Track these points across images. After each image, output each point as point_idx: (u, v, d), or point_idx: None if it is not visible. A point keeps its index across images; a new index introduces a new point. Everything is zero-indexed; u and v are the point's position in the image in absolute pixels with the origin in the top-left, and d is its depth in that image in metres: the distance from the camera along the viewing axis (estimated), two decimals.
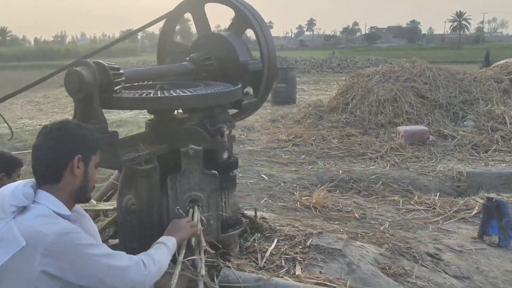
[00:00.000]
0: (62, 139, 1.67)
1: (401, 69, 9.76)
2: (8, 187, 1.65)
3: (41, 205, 1.61)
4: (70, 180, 1.69)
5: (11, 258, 1.50)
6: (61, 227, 1.55)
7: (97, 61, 1.99)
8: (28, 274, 1.51)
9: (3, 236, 1.53)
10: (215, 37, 2.79)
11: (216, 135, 2.44)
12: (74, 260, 1.54)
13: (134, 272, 1.67)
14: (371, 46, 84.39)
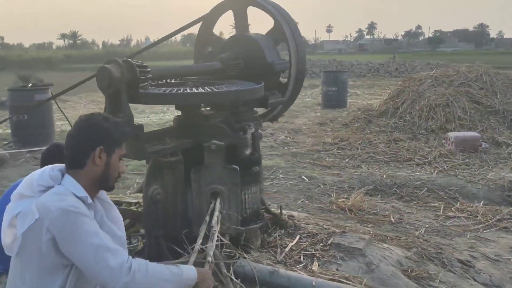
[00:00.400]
0: (88, 130, 1.85)
1: (456, 74, 9.42)
2: (38, 170, 1.85)
3: (61, 187, 1.79)
4: (92, 168, 1.86)
5: (28, 228, 1.70)
6: (66, 203, 1.71)
7: (126, 59, 2.17)
8: (39, 243, 1.70)
9: (25, 211, 1.73)
10: (245, 38, 2.91)
11: (239, 131, 2.55)
12: (66, 237, 1.69)
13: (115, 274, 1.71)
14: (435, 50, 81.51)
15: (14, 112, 7.85)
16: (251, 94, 2.53)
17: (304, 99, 15.58)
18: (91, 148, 1.83)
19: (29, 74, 18.24)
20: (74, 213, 1.71)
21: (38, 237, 1.69)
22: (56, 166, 1.87)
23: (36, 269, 1.72)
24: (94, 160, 1.83)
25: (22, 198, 1.79)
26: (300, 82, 3.00)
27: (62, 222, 1.69)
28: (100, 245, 1.71)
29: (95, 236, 1.73)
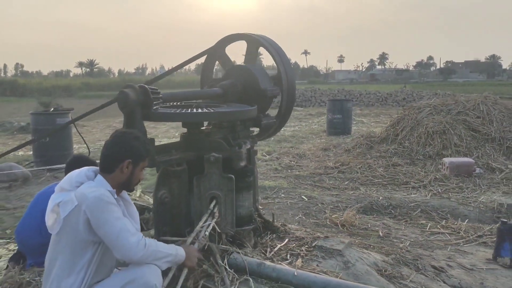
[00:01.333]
0: (121, 145, 2.36)
1: (454, 103, 9.86)
2: (77, 170, 2.35)
3: (94, 182, 2.28)
4: (119, 175, 2.36)
5: (69, 213, 2.19)
6: (99, 193, 2.21)
7: (141, 85, 2.68)
8: (77, 224, 2.19)
9: (66, 200, 2.22)
10: (243, 68, 3.42)
11: (235, 147, 3.03)
12: (98, 219, 2.18)
13: (133, 247, 2.21)
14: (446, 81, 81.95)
15: (37, 135, 8.44)
16: (244, 115, 3.02)
17: (311, 126, 16.09)
18: (120, 160, 2.34)
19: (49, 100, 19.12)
20: (104, 201, 2.20)
21: (76, 219, 2.18)
22: (91, 168, 2.38)
23: (72, 244, 2.20)
24: (122, 169, 2.34)
25: (62, 191, 2.29)
26: (290, 107, 3.48)
27: (95, 207, 2.17)
28: (122, 228, 2.20)
29: (119, 221, 2.22)
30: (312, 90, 27.16)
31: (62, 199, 2.25)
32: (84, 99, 38.29)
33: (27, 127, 14.95)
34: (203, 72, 3.77)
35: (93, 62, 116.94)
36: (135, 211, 2.54)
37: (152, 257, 2.27)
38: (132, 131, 2.47)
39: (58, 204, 2.24)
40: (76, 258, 2.21)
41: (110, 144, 2.36)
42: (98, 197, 2.19)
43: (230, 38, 3.58)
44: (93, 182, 2.30)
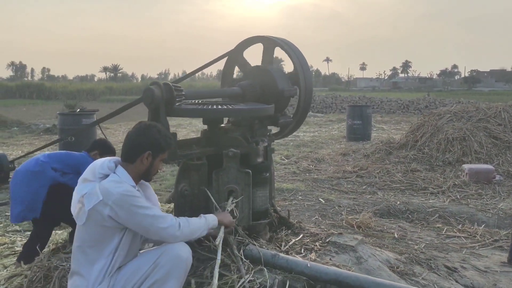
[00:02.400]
0: (143, 136, 2.49)
1: (475, 110, 9.81)
2: (100, 161, 2.51)
3: (116, 176, 2.43)
4: (140, 165, 2.50)
5: (93, 206, 2.33)
6: (123, 189, 2.35)
7: (166, 82, 2.84)
8: (101, 217, 2.33)
9: (91, 192, 2.36)
10: (261, 69, 3.55)
11: (252, 143, 3.16)
12: (127, 213, 2.32)
13: (170, 230, 2.39)
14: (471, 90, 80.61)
15: (64, 135, 8.74)
16: (261, 112, 3.14)
17: (331, 132, 16.13)
18: (142, 151, 2.47)
19: (74, 103, 19.64)
20: (129, 196, 2.34)
21: (101, 212, 2.32)
22: (112, 159, 2.52)
23: (99, 232, 2.35)
24: (142, 160, 2.48)
25: (86, 182, 2.43)
26: (307, 106, 3.59)
27: (122, 202, 2.31)
28: (153, 215, 2.36)
29: (148, 209, 2.37)
30: (333, 97, 27.16)
31: (87, 190, 2.37)
32: (107, 102, 39.08)
33: (52, 128, 15.40)
34: (223, 75, 3.91)
35: (117, 67, 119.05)
36: (153, 193, 2.70)
37: (188, 236, 2.48)
38: (155, 124, 2.60)
39: (83, 196, 2.38)
40: (104, 245, 2.36)
41: (134, 135, 2.49)
42: (123, 193, 2.33)
43: (249, 41, 3.72)
44: (116, 175, 2.42)
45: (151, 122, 2.59)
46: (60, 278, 2.78)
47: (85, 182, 2.44)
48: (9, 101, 39.65)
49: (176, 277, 2.38)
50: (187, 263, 2.42)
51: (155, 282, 2.35)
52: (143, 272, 2.37)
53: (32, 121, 18.76)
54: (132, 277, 2.37)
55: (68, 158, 3.92)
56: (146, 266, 2.37)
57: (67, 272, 2.76)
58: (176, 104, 2.86)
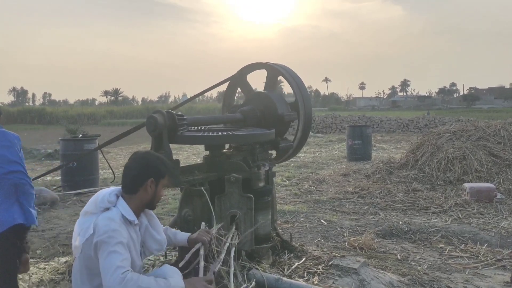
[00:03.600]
0: (142, 165, 2.51)
1: (475, 128, 9.87)
2: (101, 193, 2.52)
3: (116, 209, 2.44)
4: (143, 194, 2.52)
5: (85, 240, 2.36)
6: (108, 227, 2.31)
7: (168, 110, 2.91)
8: (89, 250, 2.35)
9: (86, 227, 2.39)
10: (262, 94, 3.63)
11: (254, 168, 3.21)
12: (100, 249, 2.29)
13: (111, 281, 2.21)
14: (470, 107, 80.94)
15: (66, 160, 8.79)
16: (262, 137, 3.20)
17: (331, 152, 16.18)
18: (144, 180, 2.49)
19: (76, 128, 19.76)
20: (109, 235, 2.30)
21: (89, 246, 2.35)
22: (113, 191, 2.53)
23: (86, 267, 2.39)
24: (146, 189, 2.50)
25: (87, 215, 2.47)
26: (307, 131, 3.66)
27: (101, 239, 2.30)
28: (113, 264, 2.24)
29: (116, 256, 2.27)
30: (332, 117, 27.30)
31: (85, 226, 2.41)
32: (108, 126, 39.30)
33: (53, 153, 15.45)
34: (224, 99, 3.99)
35: (118, 91, 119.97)
36: (158, 224, 2.71)
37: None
38: (150, 151, 2.64)
39: (82, 230, 2.42)
40: (94, 276, 2.38)
41: (133, 166, 2.50)
42: (106, 230, 2.30)
43: (251, 67, 3.81)
44: (115, 209, 2.43)
45: (146, 150, 2.62)
46: None
47: (86, 216, 2.47)
48: (11, 126, 39.86)
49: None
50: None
51: None
52: None
53: (33, 146, 18.82)
54: None
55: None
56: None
57: None
58: (178, 132, 2.92)
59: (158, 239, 2.59)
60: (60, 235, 6.19)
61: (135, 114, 53.89)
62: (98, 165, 9.34)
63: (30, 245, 3.41)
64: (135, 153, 2.60)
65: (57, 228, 6.64)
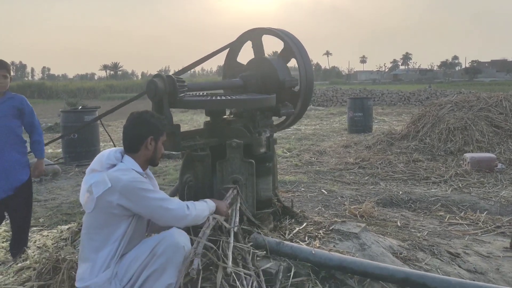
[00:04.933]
0: (140, 125, 2.55)
1: (477, 99, 9.82)
2: (106, 152, 2.55)
3: (124, 164, 2.48)
4: (145, 152, 2.56)
5: (102, 193, 2.38)
6: (131, 176, 2.41)
7: (169, 75, 2.87)
8: (109, 204, 2.38)
9: (99, 180, 2.41)
10: (262, 60, 3.58)
11: (255, 134, 3.20)
12: (136, 198, 2.38)
13: (179, 212, 2.45)
14: (472, 80, 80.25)
15: (66, 131, 8.79)
16: (263, 102, 3.17)
17: (332, 124, 16.15)
18: (144, 138, 2.53)
19: (76, 101, 19.69)
20: (137, 181, 2.40)
21: (110, 199, 2.37)
22: (118, 149, 2.57)
23: (107, 219, 2.39)
24: (147, 146, 2.53)
25: (93, 172, 2.48)
26: (308, 96, 3.62)
27: (130, 187, 2.37)
28: (161, 198, 2.43)
29: (155, 193, 2.43)
30: (333, 90, 27.14)
31: (95, 180, 2.43)
32: (108, 100, 39.11)
33: (54, 127, 15.44)
34: (225, 65, 3.94)
35: (117, 65, 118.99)
36: (156, 185, 2.75)
37: (195, 218, 2.53)
38: (146, 110, 2.66)
39: (91, 185, 2.43)
40: (110, 231, 2.41)
41: (131, 126, 2.56)
42: (131, 180, 2.39)
43: (252, 32, 3.75)
44: (123, 163, 2.48)
45: (142, 110, 2.63)
46: (68, 269, 2.83)
47: (92, 173, 2.49)
48: None
49: (175, 265, 2.40)
50: (185, 250, 2.43)
51: (154, 272, 2.38)
52: (141, 260, 2.41)
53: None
54: (132, 265, 2.41)
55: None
56: (144, 255, 2.41)
57: (76, 264, 2.81)
58: (179, 96, 2.89)
59: None
60: (62, 205, 6.24)
61: (135, 89, 53.52)
62: (98, 137, 9.35)
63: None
64: (131, 114, 2.63)
65: (59, 198, 6.69)
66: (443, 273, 3.27)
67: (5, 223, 5.22)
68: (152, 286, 2.38)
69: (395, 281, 2.73)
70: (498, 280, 3.47)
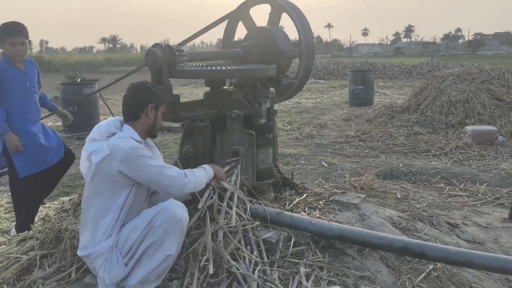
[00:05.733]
0: (140, 93, 2.52)
1: (479, 72, 9.73)
2: (106, 121, 2.53)
3: (123, 132, 2.46)
4: (145, 120, 2.53)
5: (101, 160, 2.37)
6: (131, 143, 2.40)
7: (167, 44, 2.83)
8: (109, 172, 2.37)
9: (98, 149, 2.40)
10: (263, 30, 3.53)
11: (255, 104, 3.17)
12: (136, 165, 2.36)
13: (178, 179, 2.44)
14: (475, 54, 79.42)
15: (66, 104, 8.75)
16: (264, 73, 3.14)
17: (333, 98, 16.06)
18: (144, 105, 2.51)
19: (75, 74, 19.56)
20: (137, 149, 2.39)
21: (109, 166, 2.36)
22: (117, 119, 2.55)
23: (107, 187, 2.39)
24: (147, 114, 2.51)
25: (93, 141, 2.47)
26: (309, 67, 3.58)
27: (130, 155, 2.35)
28: (160, 165, 2.41)
29: (154, 161, 2.42)
30: (334, 63, 26.88)
31: (94, 148, 2.42)
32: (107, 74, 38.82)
33: (54, 100, 15.35)
34: (225, 35, 3.89)
35: (116, 38, 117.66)
36: (158, 154, 2.74)
37: (194, 185, 2.52)
38: (145, 81, 2.63)
39: (90, 153, 2.43)
40: (111, 200, 2.41)
41: (132, 94, 2.53)
42: (131, 147, 2.38)
43: (251, 1, 3.68)
44: (123, 132, 2.47)
45: (142, 80, 2.60)
46: (70, 239, 2.85)
47: (92, 141, 2.48)
48: None
49: (174, 236, 2.39)
50: (183, 222, 2.42)
51: (152, 243, 2.38)
52: (140, 231, 2.40)
53: None
54: (132, 236, 2.41)
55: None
56: (142, 226, 2.40)
57: (77, 233, 2.83)
58: (178, 66, 2.85)
59: None
60: (63, 177, 6.25)
61: (134, 62, 52.96)
62: (98, 110, 9.32)
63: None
64: (131, 84, 2.60)
65: None
66: (442, 243, 3.30)
67: (7, 194, 5.26)
68: (152, 257, 2.40)
69: (394, 250, 2.76)
70: (496, 250, 3.51)
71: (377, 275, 2.65)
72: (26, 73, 3.84)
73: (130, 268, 2.42)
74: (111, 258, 2.41)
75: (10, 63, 3.76)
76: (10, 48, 3.70)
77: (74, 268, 2.70)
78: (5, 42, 3.70)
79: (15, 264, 2.83)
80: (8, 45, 3.70)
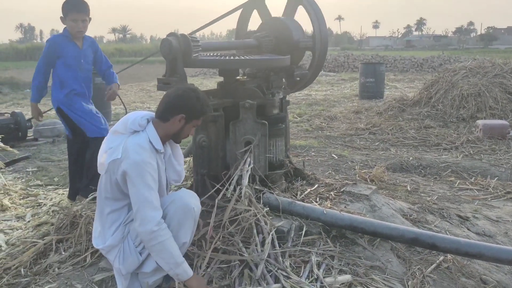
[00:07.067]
0: (180, 99, 2.46)
1: (492, 65, 9.64)
2: (133, 115, 2.49)
3: (145, 134, 2.42)
4: (171, 126, 2.48)
5: (112, 161, 2.36)
6: (142, 157, 2.32)
7: (183, 34, 2.85)
8: (116, 172, 2.36)
9: (115, 147, 2.39)
10: (277, 20, 3.53)
11: (268, 95, 3.19)
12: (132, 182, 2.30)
13: (149, 223, 2.26)
14: (487, 47, 78.46)
15: None
16: (277, 63, 3.15)
17: (343, 90, 16.02)
18: (176, 112, 2.45)
19: None
20: (142, 167, 2.30)
21: (116, 169, 2.36)
22: (145, 115, 2.50)
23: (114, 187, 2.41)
24: (175, 121, 2.46)
25: (116, 134, 2.46)
26: (322, 59, 3.58)
27: (133, 169, 2.30)
28: (147, 198, 2.29)
29: (148, 191, 2.29)
30: (345, 56, 26.75)
31: (113, 145, 2.41)
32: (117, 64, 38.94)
33: None
34: (238, 25, 3.90)
35: (126, 28, 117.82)
36: (180, 154, 2.72)
37: (156, 246, 2.28)
38: (196, 89, 2.55)
39: (110, 149, 2.42)
40: (119, 197, 2.44)
41: (172, 96, 2.47)
42: (139, 162, 2.30)
43: None
44: (144, 133, 2.41)
45: (191, 87, 2.53)
46: (86, 225, 2.91)
47: (115, 134, 2.46)
48: (21, 63, 39.68)
49: (187, 226, 2.41)
50: (196, 211, 2.43)
51: None
52: None
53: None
54: None
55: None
56: None
57: (92, 219, 2.89)
58: (193, 55, 2.88)
59: (178, 169, 2.64)
60: None
61: (144, 53, 53.11)
62: None
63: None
64: (179, 85, 2.57)
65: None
66: (452, 235, 3.31)
67: (21, 181, 5.35)
68: None
69: (405, 241, 2.78)
70: (506, 243, 3.52)
71: (388, 265, 2.68)
72: (83, 51, 3.95)
73: (145, 256, 2.46)
74: (123, 249, 2.45)
75: (69, 38, 3.87)
76: (71, 24, 3.82)
77: (89, 252, 2.76)
78: (67, 17, 3.79)
79: (32, 248, 2.89)
80: (70, 20, 3.82)
